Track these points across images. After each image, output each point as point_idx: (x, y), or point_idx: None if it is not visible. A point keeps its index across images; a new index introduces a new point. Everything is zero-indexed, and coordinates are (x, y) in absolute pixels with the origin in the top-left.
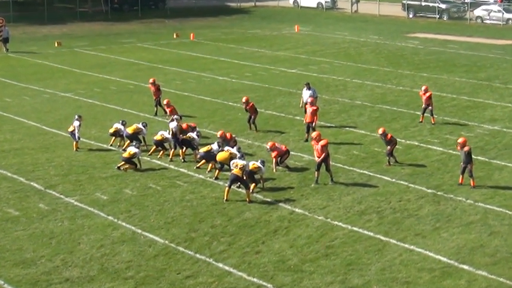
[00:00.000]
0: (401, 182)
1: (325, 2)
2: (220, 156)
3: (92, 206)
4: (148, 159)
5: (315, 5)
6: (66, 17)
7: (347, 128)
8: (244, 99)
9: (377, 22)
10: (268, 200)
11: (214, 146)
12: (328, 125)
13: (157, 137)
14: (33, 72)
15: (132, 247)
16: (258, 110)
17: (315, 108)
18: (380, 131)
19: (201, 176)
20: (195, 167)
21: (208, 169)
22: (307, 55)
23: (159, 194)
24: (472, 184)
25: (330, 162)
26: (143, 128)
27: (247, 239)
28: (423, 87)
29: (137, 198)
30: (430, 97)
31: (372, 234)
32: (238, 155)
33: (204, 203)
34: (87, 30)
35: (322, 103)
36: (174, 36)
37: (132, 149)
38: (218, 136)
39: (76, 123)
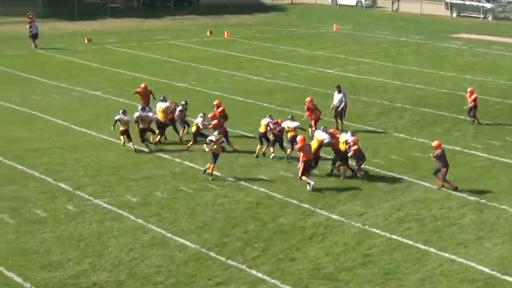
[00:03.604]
0: (443, 188)
1: (365, 0)
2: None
3: (122, 209)
4: (179, 160)
5: (354, 3)
6: (96, 13)
7: (386, 132)
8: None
9: (419, 21)
10: (304, 205)
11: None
12: (367, 128)
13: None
14: (62, 70)
15: (162, 251)
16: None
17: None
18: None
19: (234, 179)
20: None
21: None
22: (346, 55)
23: (191, 197)
24: (438, 182)
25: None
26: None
27: (281, 245)
28: (468, 89)
29: (168, 201)
30: (475, 100)
31: (411, 242)
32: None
33: (237, 208)
34: (118, 26)
35: (361, 105)
36: (208, 34)
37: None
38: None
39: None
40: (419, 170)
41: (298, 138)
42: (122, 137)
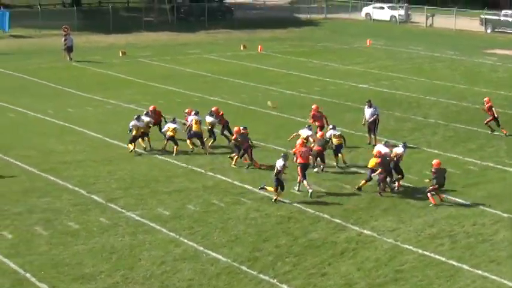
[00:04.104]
0: (476, 205)
1: (399, 15)
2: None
3: (154, 221)
4: (212, 174)
5: (388, 18)
6: (131, 26)
7: (420, 147)
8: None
9: (453, 37)
10: (336, 220)
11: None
12: (399, 143)
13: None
14: (97, 82)
15: (193, 265)
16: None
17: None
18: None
19: (266, 193)
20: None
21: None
22: (379, 70)
23: (223, 211)
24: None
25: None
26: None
27: (312, 260)
28: (485, 99)
29: (200, 215)
30: (489, 108)
31: (443, 259)
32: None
33: (269, 222)
34: (152, 40)
35: (394, 121)
36: (241, 48)
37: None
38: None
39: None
40: (452, 186)
41: (297, 142)
42: (130, 144)
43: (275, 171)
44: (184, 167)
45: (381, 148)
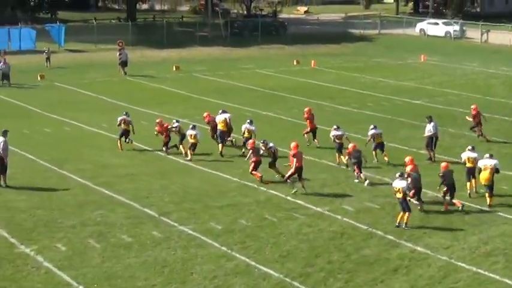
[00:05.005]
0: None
1: (454, 31)
2: None
3: (206, 236)
4: (264, 189)
5: (443, 34)
6: (185, 41)
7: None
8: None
9: (508, 53)
10: (389, 236)
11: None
12: (455, 160)
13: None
14: (151, 97)
15: (245, 280)
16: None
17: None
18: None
19: (319, 208)
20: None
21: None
22: (433, 86)
23: (275, 226)
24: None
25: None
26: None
27: (365, 277)
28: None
29: (252, 229)
30: (475, 115)
31: (498, 277)
32: None
33: (321, 237)
34: (206, 54)
35: (448, 137)
36: (295, 63)
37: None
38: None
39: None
40: (508, 203)
41: (292, 145)
42: (186, 149)
43: (400, 195)
44: (236, 181)
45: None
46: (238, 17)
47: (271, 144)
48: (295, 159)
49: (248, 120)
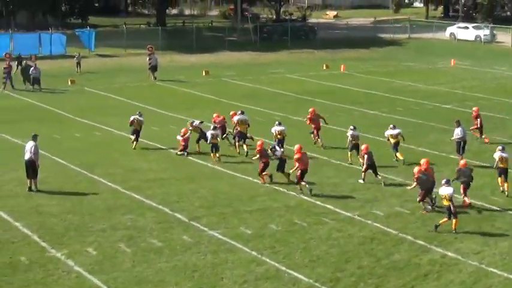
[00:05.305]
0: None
1: (484, 35)
2: None
3: (236, 240)
4: (294, 193)
5: (473, 38)
6: (214, 45)
7: None
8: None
9: None
10: (419, 241)
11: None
12: (485, 164)
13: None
14: (180, 102)
15: (275, 285)
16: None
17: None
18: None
19: (349, 213)
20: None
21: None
22: (463, 90)
23: (305, 231)
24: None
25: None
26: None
27: (395, 282)
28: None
29: (282, 234)
30: (475, 117)
31: None
32: None
33: (351, 242)
34: (236, 59)
35: (478, 141)
36: (324, 68)
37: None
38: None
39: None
40: None
41: (296, 148)
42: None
43: (447, 202)
44: (266, 186)
45: None
46: (267, 22)
47: (278, 151)
48: (297, 163)
49: (277, 122)
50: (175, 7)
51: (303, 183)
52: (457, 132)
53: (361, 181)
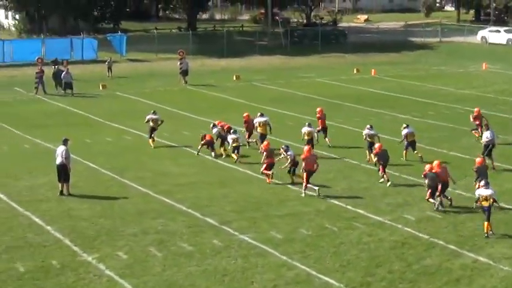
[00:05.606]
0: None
1: None
2: None
3: (266, 245)
4: (325, 198)
5: (504, 42)
6: (245, 50)
7: None
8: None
9: None
10: (451, 246)
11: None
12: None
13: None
14: (211, 106)
15: None
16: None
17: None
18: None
19: (379, 218)
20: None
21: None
22: (495, 94)
23: (335, 235)
24: None
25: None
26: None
27: (427, 287)
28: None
29: (313, 239)
30: (476, 117)
31: None
32: None
33: (382, 247)
34: (266, 63)
35: (510, 147)
36: (355, 72)
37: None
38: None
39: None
40: None
41: (305, 149)
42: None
43: (487, 203)
44: (297, 190)
45: None
46: (298, 26)
47: (290, 152)
48: (304, 163)
49: (306, 124)
50: (206, 12)
51: (309, 185)
52: (487, 135)
53: (382, 180)
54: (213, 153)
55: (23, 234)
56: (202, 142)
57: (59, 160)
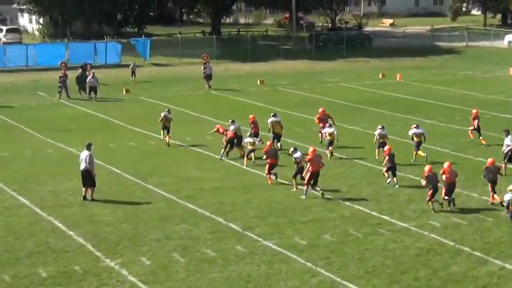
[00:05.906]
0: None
1: None
2: None
3: (290, 251)
4: (349, 203)
5: None
6: (269, 54)
7: None
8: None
9: None
10: (477, 253)
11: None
12: None
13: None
14: (235, 110)
15: None
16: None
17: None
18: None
19: (405, 224)
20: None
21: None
22: None
23: (360, 242)
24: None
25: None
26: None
27: None
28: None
29: (337, 245)
30: (474, 118)
31: None
32: None
33: (407, 253)
34: (290, 68)
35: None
36: (380, 76)
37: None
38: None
39: None
40: None
41: (310, 150)
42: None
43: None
44: (321, 196)
45: None
46: (323, 30)
47: (298, 154)
48: (309, 164)
49: (328, 124)
50: (230, 16)
51: (312, 190)
52: (507, 143)
53: (389, 180)
54: (240, 152)
55: (45, 239)
56: (225, 139)
57: (83, 166)
